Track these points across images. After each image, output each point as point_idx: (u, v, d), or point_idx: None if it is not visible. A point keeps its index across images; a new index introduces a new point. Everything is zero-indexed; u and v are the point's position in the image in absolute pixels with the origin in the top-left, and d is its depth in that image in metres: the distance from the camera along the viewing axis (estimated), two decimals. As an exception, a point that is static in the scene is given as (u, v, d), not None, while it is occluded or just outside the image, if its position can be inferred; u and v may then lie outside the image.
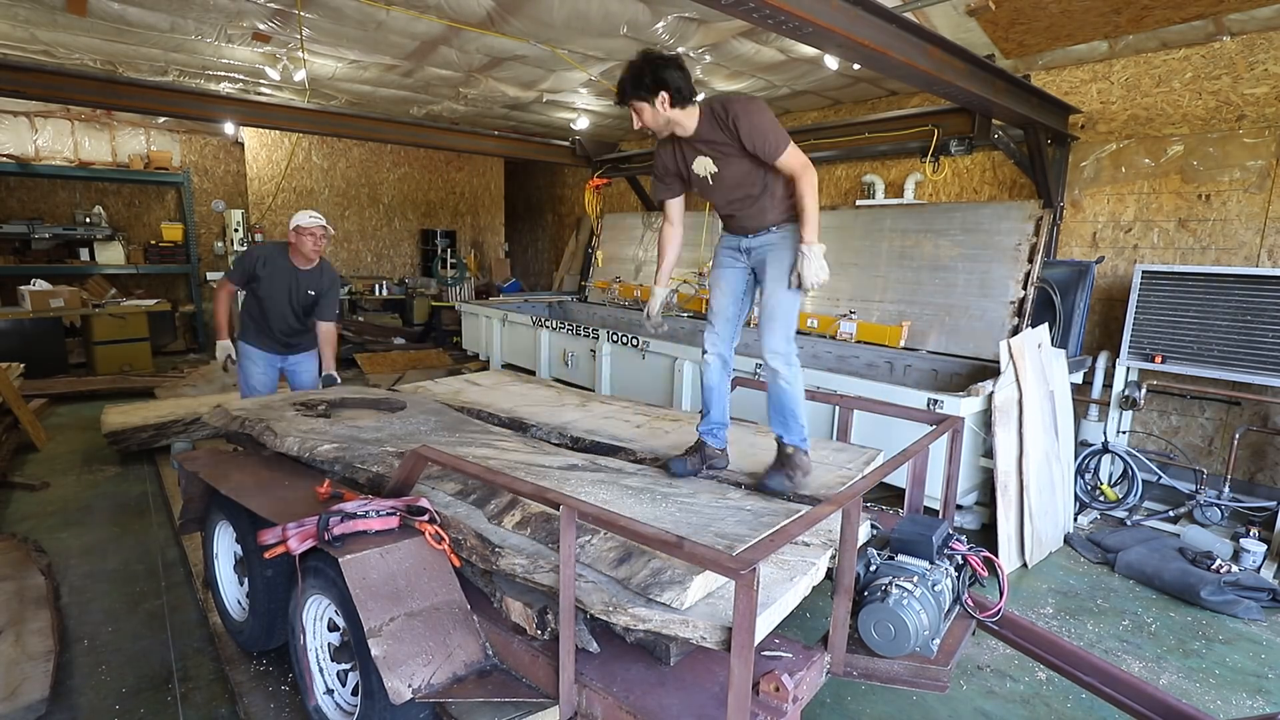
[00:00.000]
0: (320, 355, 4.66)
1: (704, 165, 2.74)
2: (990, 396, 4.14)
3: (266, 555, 2.28)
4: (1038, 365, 4.38)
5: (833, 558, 2.22)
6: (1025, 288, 5.41)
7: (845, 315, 6.32)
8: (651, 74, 2.55)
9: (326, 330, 4.59)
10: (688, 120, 2.66)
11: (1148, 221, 5.45)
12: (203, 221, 11.31)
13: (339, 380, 4.60)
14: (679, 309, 7.75)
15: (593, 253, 9.77)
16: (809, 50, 5.80)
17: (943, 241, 6.07)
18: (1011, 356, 4.19)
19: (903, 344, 5.85)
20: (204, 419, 3.83)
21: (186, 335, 11.04)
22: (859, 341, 6.13)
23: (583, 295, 9.89)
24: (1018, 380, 4.19)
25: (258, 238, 10.62)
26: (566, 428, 3.55)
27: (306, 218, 4.37)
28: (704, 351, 3.01)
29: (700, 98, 2.71)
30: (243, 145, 10.84)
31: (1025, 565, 4.19)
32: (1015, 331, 5.39)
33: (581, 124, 9.25)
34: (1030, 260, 5.41)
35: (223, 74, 7.33)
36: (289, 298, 4.46)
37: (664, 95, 2.57)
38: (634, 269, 9.19)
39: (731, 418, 3.13)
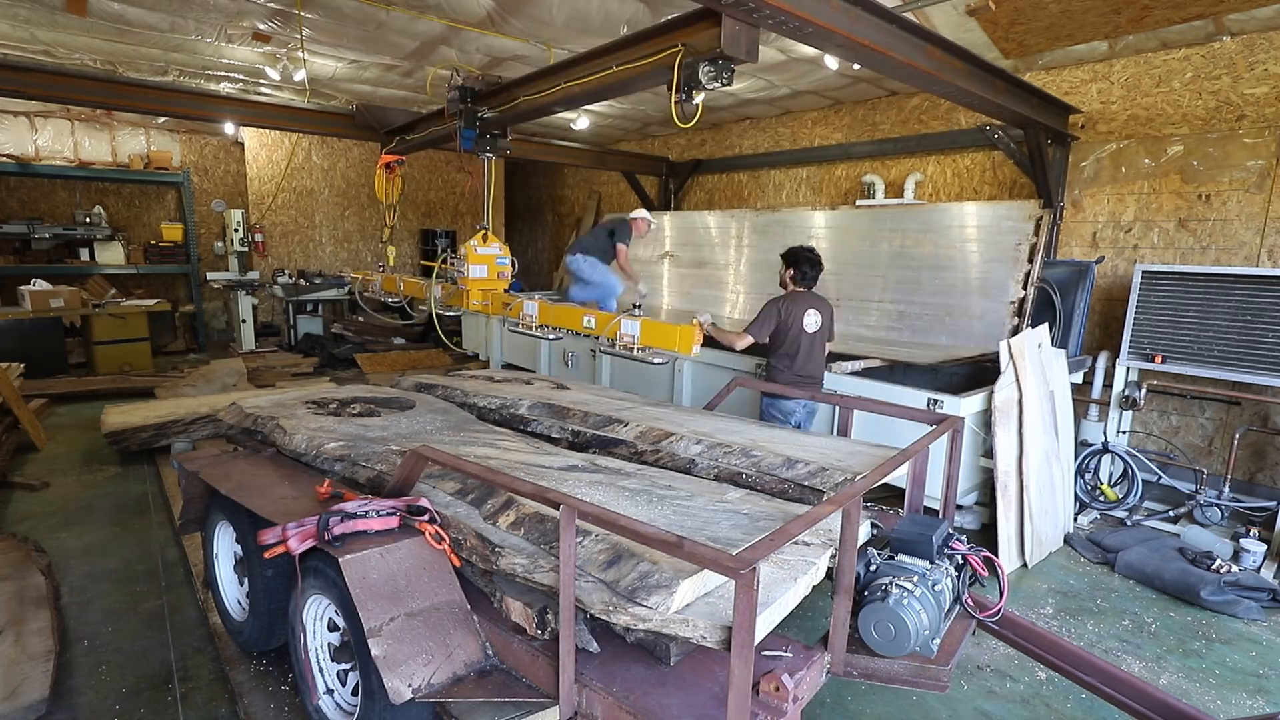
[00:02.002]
0: None
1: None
2: (990, 396, 4.14)
3: (266, 555, 2.28)
4: (1038, 365, 4.38)
5: (833, 557, 2.22)
6: (1025, 288, 5.41)
7: (628, 311, 4.63)
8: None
9: None
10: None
11: (1148, 221, 5.45)
12: (203, 221, 11.31)
13: None
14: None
15: (383, 247, 8.23)
16: (809, 50, 5.80)
17: (942, 241, 6.07)
18: (1011, 356, 4.19)
19: (696, 350, 4.28)
20: (219, 416, 3.84)
21: (186, 335, 11.04)
22: (644, 347, 4.47)
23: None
24: (1018, 380, 4.19)
25: (258, 238, 10.62)
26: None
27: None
28: None
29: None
30: (243, 145, 10.84)
31: (1025, 565, 4.19)
32: (1015, 331, 5.39)
33: (582, 124, 9.24)
34: (1030, 260, 5.41)
35: (223, 74, 7.33)
36: None
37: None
38: (638, 267, 9.18)
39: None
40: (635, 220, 6.59)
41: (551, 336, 5.44)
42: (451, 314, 6.86)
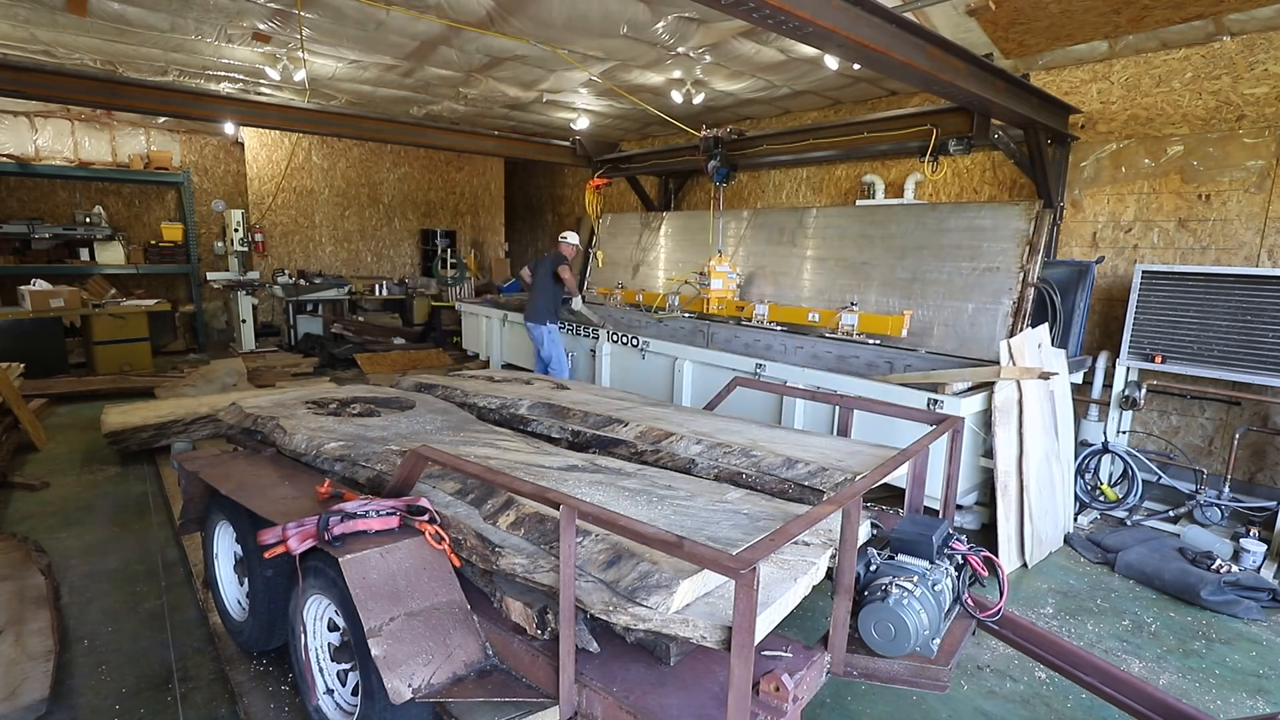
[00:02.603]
0: None
1: None
2: (990, 396, 4.14)
3: (266, 555, 2.28)
4: (1038, 365, 4.38)
5: (833, 557, 2.22)
6: (1024, 288, 5.41)
7: (846, 307, 6.29)
8: None
9: None
10: None
11: (1148, 221, 5.45)
12: (203, 221, 11.31)
13: None
14: (681, 310, 7.75)
15: (593, 253, 9.77)
16: (809, 50, 5.80)
17: (942, 241, 6.07)
18: (1012, 357, 4.19)
19: (904, 333, 5.81)
20: (219, 416, 3.85)
21: (186, 335, 11.04)
22: (861, 332, 6.09)
23: (582, 295, 9.88)
24: (1018, 380, 4.19)
25: (258, 238, 10.63)
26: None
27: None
28: None
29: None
30: (243, 145, 10.85)
31: (1025, 565, 4.19)
32: (1013, 332, 5.39)
33: (581, 124, 9.24)
34: (1029, 260, 5.41)
35: (223, 74, 7.33)
36: None
37: None
38: (632, 269, 9.19)
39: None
40: (565, 246, 7.40)
41: (779, 329, 6.69)
42: (689, 315, 7.92)
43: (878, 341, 5.97)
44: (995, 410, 4.10)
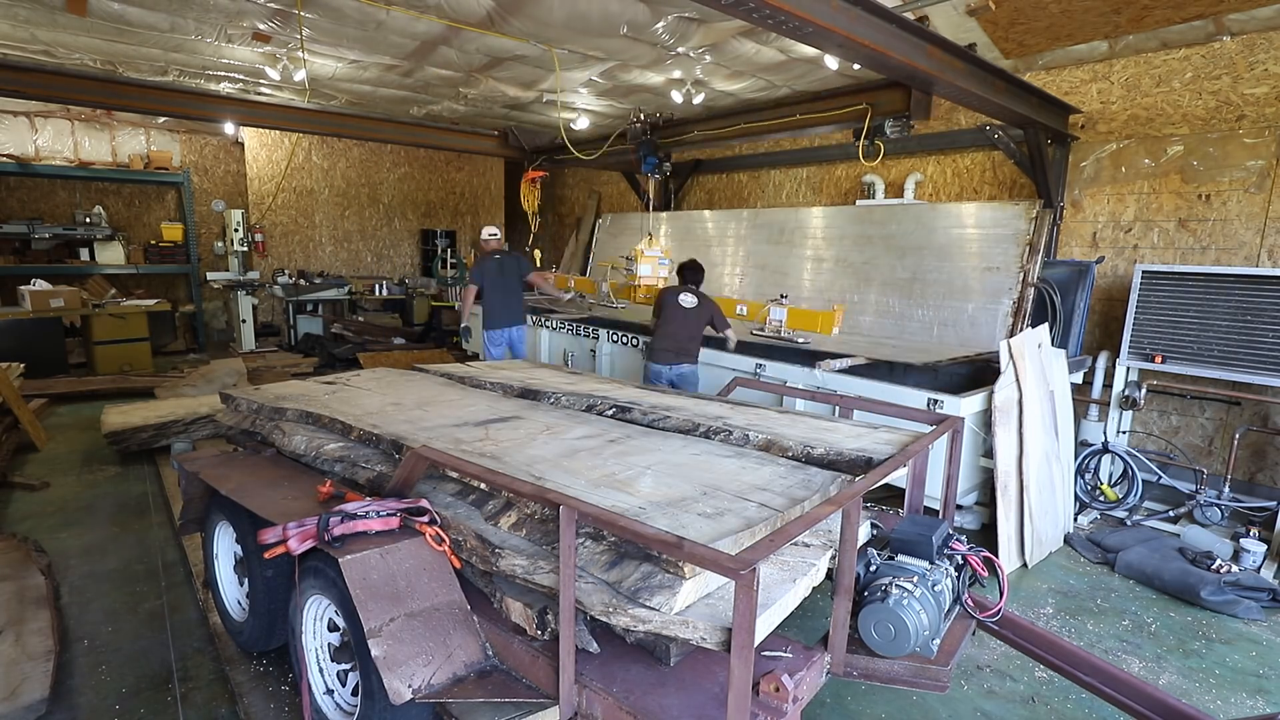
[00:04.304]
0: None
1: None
2: (990, 396, 4.14)
3: (266, 555, 2.28)
4: (1038, 365, 4.38)
5: (833, 558, 2.22)
6: (1022, 287, 5.41)
7: (776, 300, 6.02)
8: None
9: None
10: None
11: (1148, 221, 5.45)
12: (203, 221, 11.31)
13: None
14: (613, 299, 7.83)
15: (530, 250, 9.46)
16: (809, 50, 5.79)
17: (939, 241, 6.08)
18: (1011, 357, 4.19)
19: (836, 330, 5.55)
20: (217, 418, 3.85)
21: (186, 335, 11.04)
22: (790, 329, 5.81)
23: (580, 295, 9.87)
24: (1018, 380, 4.19)
25: (258, 238, 10.62)
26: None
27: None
28: None
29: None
30: (243, 145, 10.84)
31: (1025, 565, 4.19)
32: (1012, 331, 5.40)
33: (581, 124, 9.24)
34: (1029, 260, 5.41)
35: (223, 74, 7.33)
36: None
37: None
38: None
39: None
40: (486, 242, 7.06)
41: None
42: (620, 306, 7.81)
43: (805, 341, 5.69)
44: (995, 410, 4.10)
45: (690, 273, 5.43)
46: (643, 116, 6.66)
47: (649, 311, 6.85)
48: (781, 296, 6.04)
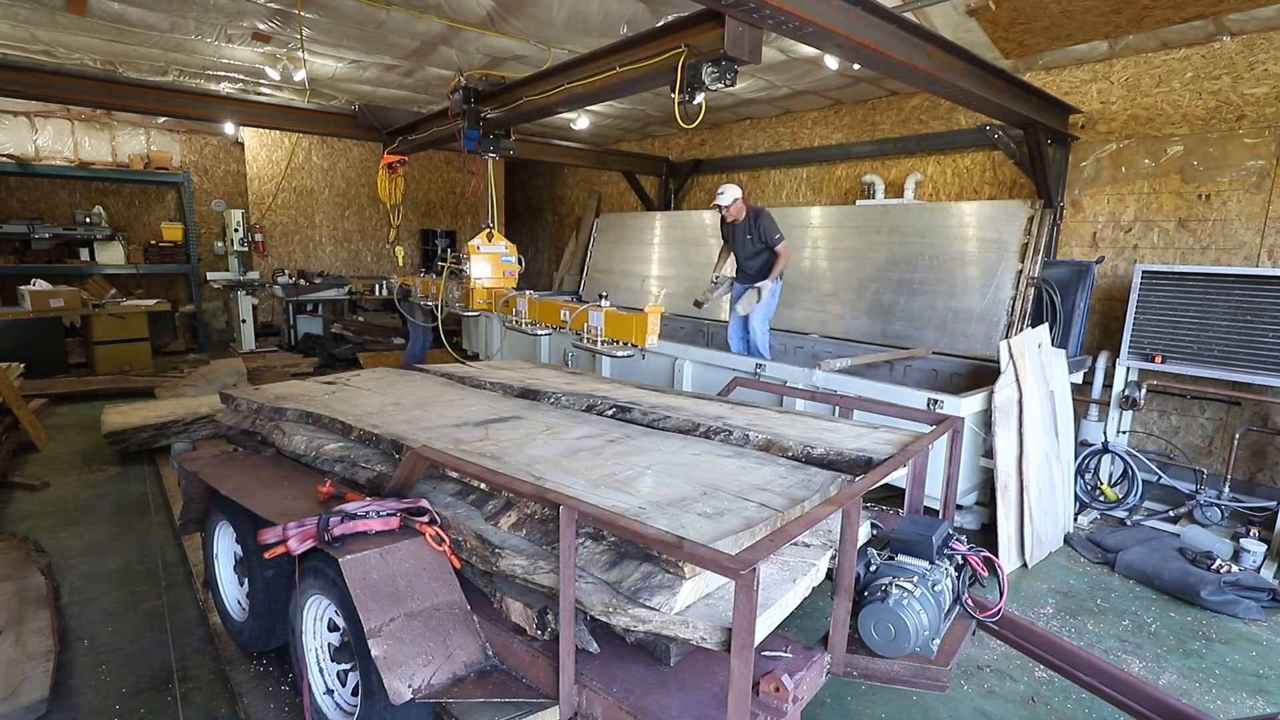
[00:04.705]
0: None
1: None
2: (990, 396, 4.14)
3: (266, 555, 2.28)
4: (1038, 365, 4.38)
5: (833, 558, 2.22)
6: (1020, 287, 5.42)
7: (594, 302, 4.95)
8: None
9: None
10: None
11: (1148, 221, 5.45)
12: (203, 221, 11.31)
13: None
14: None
15: (390, 247, 8.26)
16: (809, 50, 5.80)
17: (938, 241, 6.08)
18: (1011, 356, 4.19)
19: (652, 339, 4.50)
20: (217, 418, 3.85)
21: (186, 335, 11.04)
22: (606, 339, 4.81)
23: (578, 295, 9.90)
24: (1018, 380, 4.18)
25: (258, 238, 10.62)
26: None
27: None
28: None
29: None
30: (243, 145, 10.84)
31: (1025, 565, 4.19)
32: (1009, 330, 5.40)
33: (582, 124, 9.24)
34: (1029, 260, 5.41)
35: (223, 74, 7.33)
36: None
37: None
38: (632, 268, 9.18)
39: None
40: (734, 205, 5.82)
41: (542, 332, 5.67)
42: (472, 314, 6.84)
43: (628, 348, 4.81)
44: (995, 410, 4.09)
45: None
46: (462, 82, 5.54)
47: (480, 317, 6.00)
48: (601, 296, 4.95)
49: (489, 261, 5.93)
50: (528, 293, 5.84)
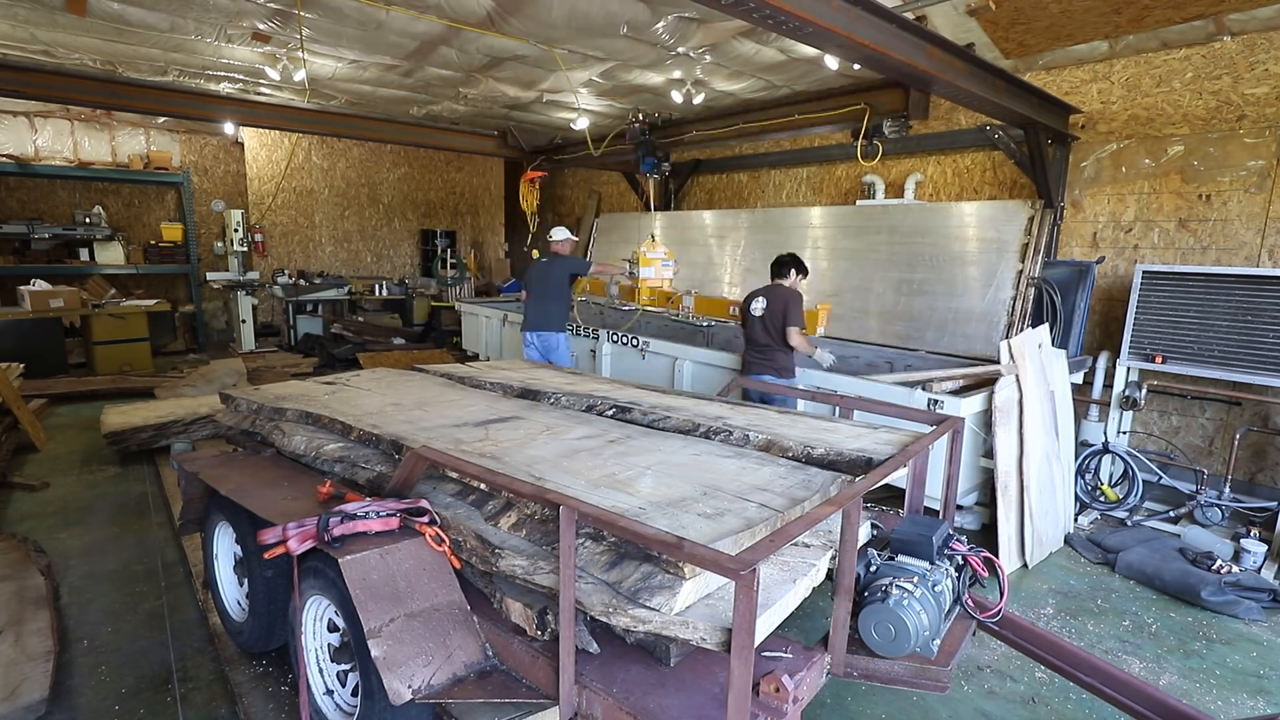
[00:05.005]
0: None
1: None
2: (991, 396, 4.14)
3: (266, 555, 2.27)
4: (1038, 365, 4.38)
5: (833, 558, 2.22)
6: (1020, 287, 5.42)
7: (686, 292, 6.41)
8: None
9: None
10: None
11: (1148, 221, 5.45)
12: (202, 221, 11.31)
13: None
14: (619, 300, 7.86)
15: (529, 252, 9.56)
16: (809, 50, 5.78)
17: (941, 240, 6.08)
18: (1012, 357, 4.19)
19: (821, 330, 5.80)
20: (216, 418, 3.85)
21: (186, 335, 11.04)
22: (698, 314, 6.33)
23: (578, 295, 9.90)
24: (1018, 380, 4.18)
25: (258, 238, 10.63)
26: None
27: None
28: None
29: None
30: (243, 145, 10.85)
31: (1026, 565, 4.19)
32: (1009, 330, 5.40)
33: (581, 124, 9.23)
34: (1029, 260, 5.41)
35: (223, 74, 7.32)
36: None
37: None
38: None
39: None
40: (562, 243, 6.48)
41: (706, 324, 6.59)
42: (628, 309, 7.84)
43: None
44: (996, 411, 4.09)
45: (776, 268, 4.91)
46: (641, 117, 6.63)
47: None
48: (689, 291, 6.47)
49: (652, 265, 6.82)
50: (694, 291, 6.88)
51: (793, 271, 4.83)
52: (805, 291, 5.15)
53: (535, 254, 9.21)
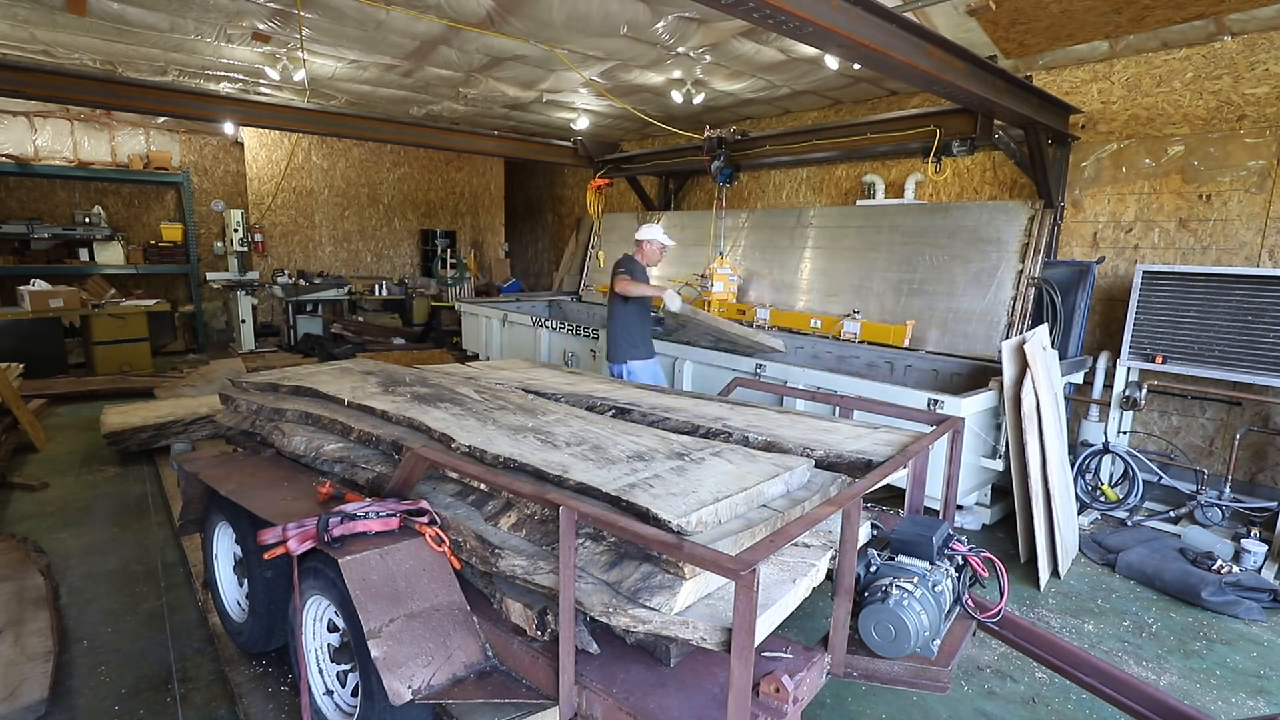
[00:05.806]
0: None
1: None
2: (999, 394, 4.11)
3: (266, 556, 2.27)
4: (1045, 368, 4.37)
5: (833, 559, 2.22)
6: (1020, 287, 5.41)
7: (849, 315, 6.40)
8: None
9: None
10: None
11: (1148, 221, 5.44)
12: (202, 221, 11.31)
13: None
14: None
15: (594, 253, 9.77)
16: (809, 50, 5.80)
17: (942, 241, 6.07)
18: (1028, 362, 4.10)
19: (906, 343, 5.90)
20: (216, 418, 3.85)
21: (186, 335, 11.04)
22: (863, 341, 6.21)
23: (578, 295, 9.90)
24: (1034, 385, 4.10)
25: (257, 238, 10.62)
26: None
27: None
28: None
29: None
30: (243, 145, 10.84)
31: (1058, 574, 4.09)
32: (1009, 331, 5.39)
33: (581, 124, 9.24)
34: (1029, 260, 5.41)
35: (222, 74, 7.33)
36: None
37: None
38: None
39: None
40: (643, 243, 5.23)
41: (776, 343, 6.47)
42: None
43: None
44: (1024, 419, 3.97)
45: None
46: (718, 133, 7.23)
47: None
48: (855, 312, 6.39)
49: (721, 280, 7.43)
50: (769, 305, 7.17)
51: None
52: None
53: (600, 256, 9.54)
